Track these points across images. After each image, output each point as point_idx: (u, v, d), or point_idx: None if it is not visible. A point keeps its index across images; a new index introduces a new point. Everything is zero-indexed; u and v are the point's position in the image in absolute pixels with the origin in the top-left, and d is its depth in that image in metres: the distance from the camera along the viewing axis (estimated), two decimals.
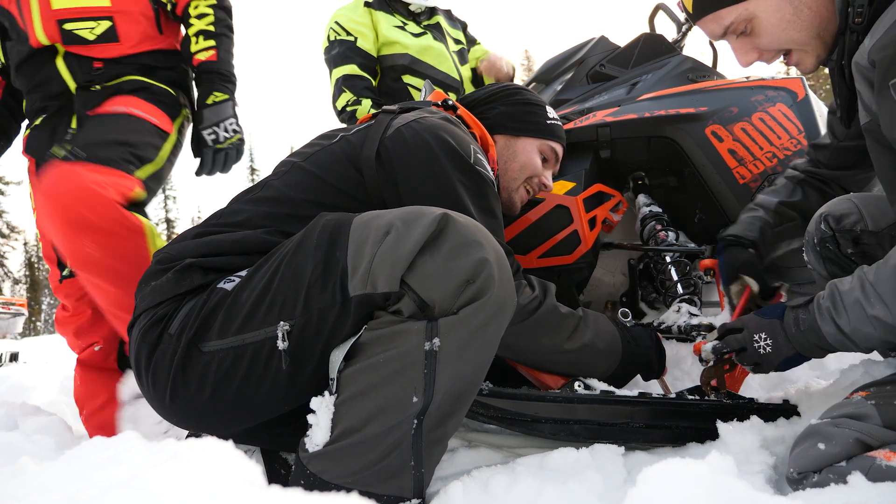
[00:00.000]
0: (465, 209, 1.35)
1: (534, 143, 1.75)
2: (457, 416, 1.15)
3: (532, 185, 1.76)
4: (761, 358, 1.37)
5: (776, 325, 1.35)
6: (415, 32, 3.01)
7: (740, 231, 1.73)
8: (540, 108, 1.79)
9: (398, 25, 3.00)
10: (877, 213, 1.48)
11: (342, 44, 2.94)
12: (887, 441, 1.10)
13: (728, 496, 0.79)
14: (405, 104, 1.63)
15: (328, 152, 1.44)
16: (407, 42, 2.97)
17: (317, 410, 1.12)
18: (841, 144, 1.63)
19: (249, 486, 0.71)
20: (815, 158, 1.73)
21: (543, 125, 1.77)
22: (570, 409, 1.44)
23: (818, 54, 1.30)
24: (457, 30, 3.24)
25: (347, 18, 2.97)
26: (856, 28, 1.19)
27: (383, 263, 1.09)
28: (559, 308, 1.49)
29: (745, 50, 1.34)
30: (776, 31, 1.28)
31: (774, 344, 1.35)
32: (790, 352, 1.33)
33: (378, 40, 2.98)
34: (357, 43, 2.93)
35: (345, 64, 2.92)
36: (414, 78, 2.95)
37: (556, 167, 1.82)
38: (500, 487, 1.18)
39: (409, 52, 2.95)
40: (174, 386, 1.19)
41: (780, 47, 1.31)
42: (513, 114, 1.76)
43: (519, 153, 1.73)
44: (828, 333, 1.25)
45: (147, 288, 1.28)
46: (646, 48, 2.42)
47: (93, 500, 0.64)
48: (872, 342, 1.22)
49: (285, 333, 1.14)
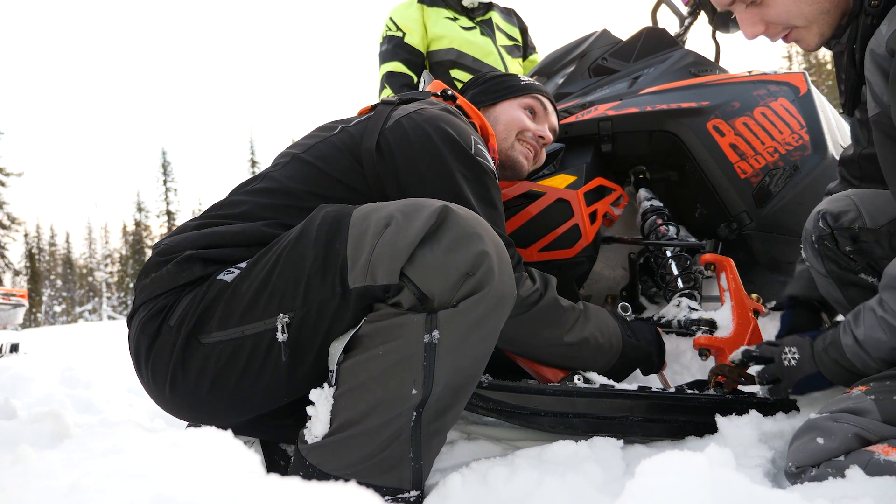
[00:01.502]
0: (466, 200, 1.35)
1: (512, 103, 1.79)
2: (456, 409, 1.16)
3: (527, 140, 1.77)
4: (783, 371, 1.40)
5: (806, 342, 1.38)
6: (465, 26, 3.05)
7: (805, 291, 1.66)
8: (510, 75, 1.84)
9: (449, 17, 3.05)
10: (875, 211, 1.48)
11: (391, 40, 3.03)
12: (886, 436, 1.10)
13: (726, 489, 0.80)
14: (404, 95, 1.63)
15: (328, 144, 1.44)
16: (453, 36, 3.01)
17: (316, 402, 1.12)
18: (865, 152, 1.57)
19: (248, 474, 0.72)
20: (846, 177, 1.66)
21: (517, 86, 1.81)
22: (569, 403, 1.45)
23: (822, 32, 1.28)
24: (512, 26, 3.26)
25: (401, 15, 3.06)
26: (871, 11, 1.15)
27: (383, 256, 1.09)
28: (560, 301, 1.49)
29: (753, 21, 1.31)
30: (787, 3, 1.25)
31: (800, 359, 1.37)
32: (811, 370, 1.35)
33: (427, 36, 3.04)
34: (405, 38, 3.01)
35: (391, 60, 3.01)
36: (461, 72, 3.00)
37: (549, 119, 1.84)
38: (498, 480, 1.19)
39: (454, 47, 3.00)
40: (174, 377, 1.19)
41: (787, 21, 1.28)
42: (484, 89, 1.82)
43: (500, 116, 1.77)
44: (846, 346, 1.27)
45: (147, 279, 1.28)
46: (648, 42, 2.41)
47: (93, 488, 0.64)
48: (882, 350, 1.23)
49: (285, 325, 1.14)
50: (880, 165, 1.26)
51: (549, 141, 1.81)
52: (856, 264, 1.51)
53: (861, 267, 1.51)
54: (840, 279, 1.55)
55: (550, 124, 1.83)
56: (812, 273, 1.63)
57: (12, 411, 1.93)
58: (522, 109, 1.78)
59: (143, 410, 2.52)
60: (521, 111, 1.78)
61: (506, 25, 3.23)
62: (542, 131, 1.79)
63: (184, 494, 0.63)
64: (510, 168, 1.77)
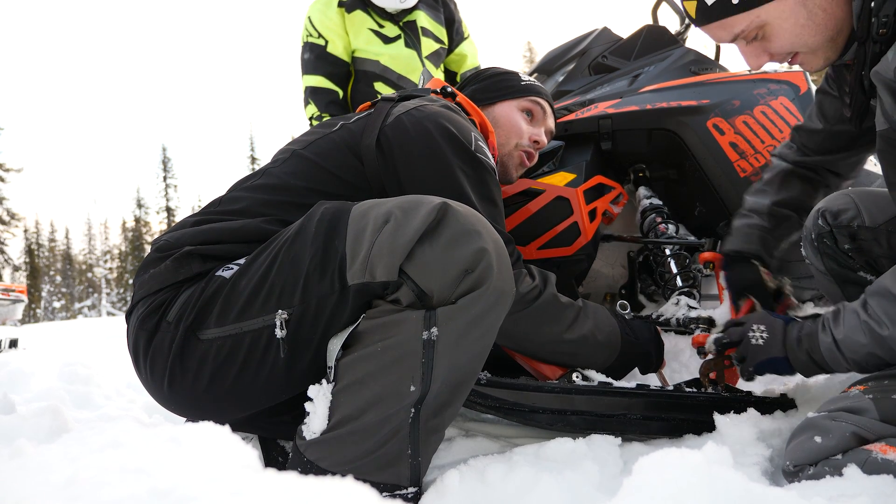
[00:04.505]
0: (466, 197, 1.35)
1: (511, 105, 1.76)
2: (454, 406, 1.16)
3: (524, 147, 1.76)
4: (749, 350, 1.38)
5: (778, 324, 1.37)
6: (390, 36, 2.91)
7: (741, 245, 1.67)
8: (511, 73, 1.81)
9: (373, 28, 2.89)
10: (874, 209, 1.48)
11: (313, 49, 2.87)
12: (884, 435, 1.10)
13: (723, 487, 0.80)
14: (404, 92, 1.63)
15: (328, 140, 1.44)
16: (378, 50, 2.88)
17: (314, 398, 1.12)
18: (834, 129, 1.57)
19: (246, 469, 0.72)
20: (803, 144, 1.67)
21: (517, 86, 1.78)
22: (567, 400, 1.45)
23: (827, 56, 1.27)
24: (438, 24, 3.08)
25: (320, 17, 2.87)
26: (879, 39, 1.15)
27: (382, 252, 1.09)
28: (559, 298, 1.49)
29: (756, 54, 1.29)
30: (790, 37, 1.24)
31: (768, 339, 1.35)
32: (779, 352, 1.34)
33: (350, 44, 2.90)
34: (327, 48, 2.85)
35: (314, 73, 2.87)
36: (385, 86, 2.89)
37: (546, 122, 1.81)
38: (496, 476, 1.19)
39: (380, 61, 2.89)
40: (172, 373, 1.19)
41: (792, 50, 1.27)
42: (484, 87, 1.79)
43: (500, 118, 1.75)
44: (823, 342, 1.27)
45: (145, 275, 1.28)
46: (648, 40, 2.41)
47: (91, 482, 0.65)
48: (859, 353, 1.23)
49: (283, 322, 1.14)
50: (883, 173, 1.27)
51: (544, 145, 1.80)
52: (855, 262, 1.51)
53: (860, 265, 1.51)
54: (839, 277, 1.55)
55: (547, 127, 1.82)
56: (811, 270, 1.64)
57: (11, 406, 1.93)
58: (521, 112, 1.76)
59: (142, 406, 2.51)
60: (520, 114, 1.76)
61: (432, 24, 3.05)
62: (539, 136, 1.78)
63: (181, 489, 0.63)
64: (502, 173, 1.77)
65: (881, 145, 1.22)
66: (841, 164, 1.66)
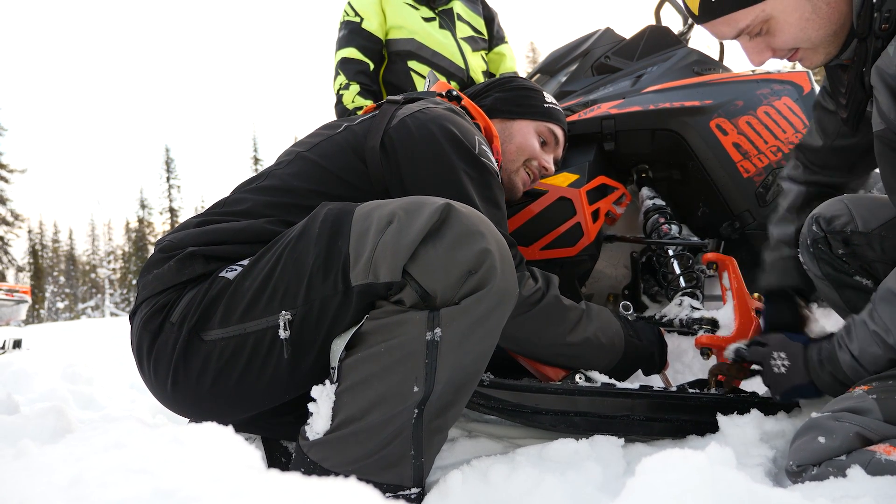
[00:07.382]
0: (470, 199, 1.35)
1: (530, 126, 1.75)
2: (457, 407, 1.16)
3: (532, 169, 1.75)
4: (772, 379, 1.40)
5: (798, 350, 1.37)
6: (425, 17, 2.98)
7: (780, 280, 1.64)
8: (536, 92, 1.79)
9: (410, 5, 2.97)
10: (867, 214, 1.49)
11: (348, 25, 2.96)
12: (888, 435, 1.10)
13: (726, 487, 0.79)
14: (409, 94, 1.63)
15: (332, 142, 1.44)
16: (413, 27, 2.94)
17: (318, 399, 1.12)
18: (835, 144, 1.57)
19: (249, 469, 0.72)
20: (809, 161, 1.65)
21: (540, 108, 1.76)
22: (570, 401, 1.45)
23: (828, 52, 1.27)
24: (477, 16, 3.17)
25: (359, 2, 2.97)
26: (881, 34, 1.15)
27: (385, 253, 1.09)
28: (562, 300, 1.49)
29: (759, 49, 1.29)
30: (794, 31, 1.24)
31: (791, 368, 1.37)
32: (803, 380, 1.35)
33: (386, 23, 2.96)
34: (363, 24, 2.93)
35: (346, 46, 2.93)
36: (419, 64, 2.94)
37: (557, 151, 1.81)
38: (499, 477, 1.19)
39: (415, 38, 2.94)
40: (176, 374, 1.19)
41: (795, 45, 1.27)
42: (508, 98, 1.76)
43: (515, 135, 1.73)
44: (843, 362, 1.27)
45: (149, 276, 1.28)
46: (651, 40, 2.40)
47: (94, 482, 0.65)
48: (879, 364, 1.23)
49: (287, 322, 1.14)
50: (881, 175, 1.27)
51: (551, 173, 1.80)
52: (849, 267, 1.52)
53: (855, 269, 1.52)
54: (836, 281, 1.56)
55: (556, 156, 1.81)
56: (811, 276, 1.64)
57: (15, 407, 1.94)
58: (537, 136, 1.75)
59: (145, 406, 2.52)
60: (536, 137, 1.74)
61: (469, 14, 3.13)
62: (548, 163, 1.77)
63: (184, 489, 0.63)
64: (506, 189, 1.74)
65: (878, 147, 1.22)
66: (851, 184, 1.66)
